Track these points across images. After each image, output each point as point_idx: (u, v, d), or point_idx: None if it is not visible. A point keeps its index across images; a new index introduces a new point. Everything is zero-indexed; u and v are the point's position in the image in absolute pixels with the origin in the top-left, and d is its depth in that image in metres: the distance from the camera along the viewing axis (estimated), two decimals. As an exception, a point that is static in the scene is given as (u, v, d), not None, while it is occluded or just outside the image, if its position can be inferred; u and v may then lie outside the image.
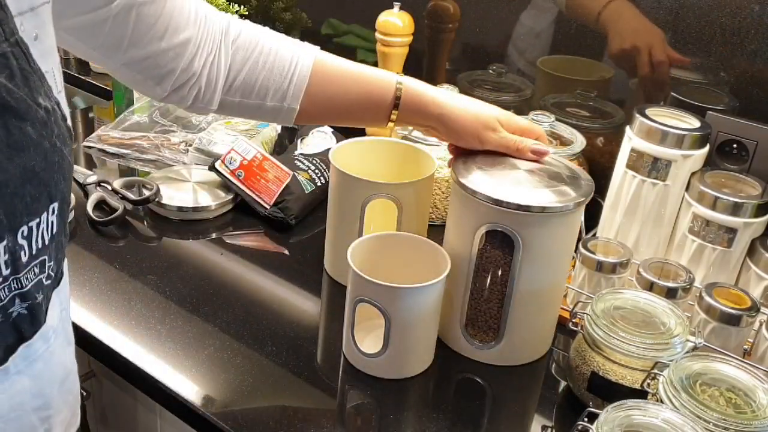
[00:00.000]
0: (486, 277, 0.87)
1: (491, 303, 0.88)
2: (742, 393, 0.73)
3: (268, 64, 0.85)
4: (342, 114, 0.91)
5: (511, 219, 0.83)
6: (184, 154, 1.36)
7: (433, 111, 0.88)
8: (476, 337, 0.91)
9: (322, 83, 0.87)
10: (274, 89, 0.86)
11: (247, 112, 0.89)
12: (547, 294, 0.89)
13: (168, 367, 0.88)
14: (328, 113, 0.91)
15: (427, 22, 1.32)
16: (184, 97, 0.84)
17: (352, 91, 0.88)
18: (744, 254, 0.95)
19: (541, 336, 0.93)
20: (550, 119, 1.09)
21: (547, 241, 0.85)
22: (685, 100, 1.05)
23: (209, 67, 0.83)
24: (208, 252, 1.13)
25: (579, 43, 1.18)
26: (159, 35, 0.79)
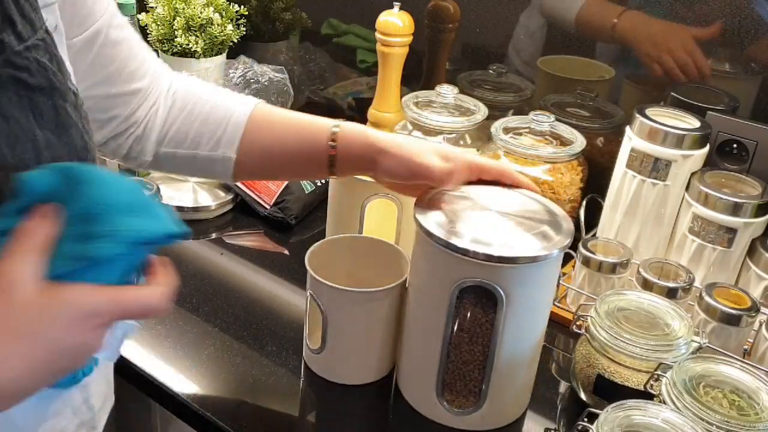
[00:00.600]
0: (465, 338, 0.77)
1: (471, 365, 0.79)
2: (745, 395, 0.73)
3: (203, 113, 0.82)
4: (282, 165, 0.85)
5: (493, 273, 0.73)
6: (184, 154, 1.35)
7: (374, 146, 0.79)
8: (454, 403, 0.81)
9: (259, 132, 0.82)
10: (208, 137, 0.82)
11: (183, 165, 0.84)
12: (531, 348, 0.81)
13: (168, 367, 0.88)
14: (268, 165, 0.85)
15: (427, 22, 1.32)
16: (120, 145, 0.83)
17: (289, 140, 0.82)
18: (744, 254, 0.95)
19: (524, 391, 0.85)
20: (550, 119, 1.09)
21: (533, 293, 0.76)
22: (685, 100, 1.05)
23: (148, 118, 0.82)
24: (208, 252, 1.13)
25: (579, 43, 1.18)
26: (112, 80, 0.78)
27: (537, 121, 1.08)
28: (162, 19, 1.37)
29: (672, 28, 1.09)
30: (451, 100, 1.16)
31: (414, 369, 0.84)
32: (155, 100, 0.82)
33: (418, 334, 0.82)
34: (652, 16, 1.10)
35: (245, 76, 1.54)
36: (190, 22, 1.37)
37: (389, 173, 0.79)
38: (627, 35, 1.13)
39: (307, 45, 1.54)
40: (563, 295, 1.02)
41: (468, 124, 1.12)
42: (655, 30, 1.11)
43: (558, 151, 1.05)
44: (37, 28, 0.57)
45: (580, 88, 1.20)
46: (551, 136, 1.09)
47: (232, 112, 0.82)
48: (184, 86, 0.84)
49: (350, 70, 1.49)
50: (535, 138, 1.08)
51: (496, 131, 1.07)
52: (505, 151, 1.06)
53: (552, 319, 0.98)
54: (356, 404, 0.85)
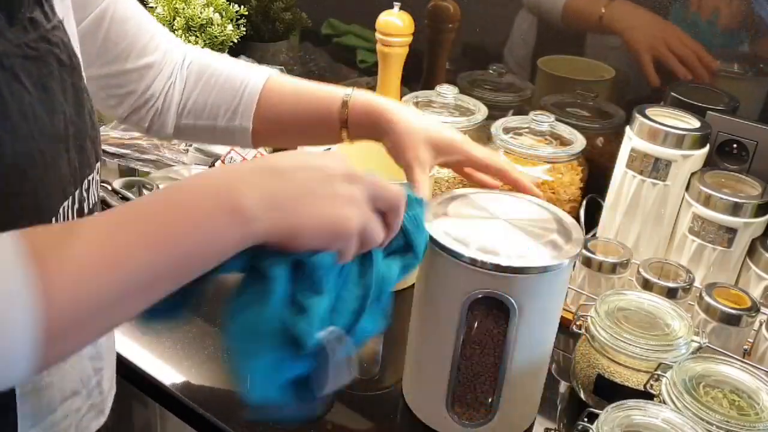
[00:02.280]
0: (476, 350, 0.76)
1: (482, 377, 0.77)
2: (745, 395, 0.73)
3: (218, 84, 0.85)
4: (297, 134, 0.88)
5: (505, 283, 0.72)
6: (184, 154, 1.35)
7: (380, 123, 0.81)
8: (465, 416, 0.79)
9: (273, 101, 0.85)
10: (225, 108, 0.85)
11: (203, 135, 0.88)
12: (543, 358, 0.80)
13: (168, 367, 0.88)
14: (284, 133, 0.88)
15: (427, 22, 1.32)
16: (142, 118, 0.86)
17: (300, 108, 0.85)
18: (744, 254, 0.95)
19: (535, 400, 0.84)
20: (550, 119, 1.09)
21: (544, 303, 0.75)
22: (685, 100, 1.05)
23: (166, 91, 0.85)
24: (208, 252, 1.12)
25: (579, 43, 1.18)
26: (124, 56, 0.81)
27: (537, 121, 1.08)
28: (162, 19, 1.37)
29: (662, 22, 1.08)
30: (451, 100, 1.16)
31: (423, 381, 0.82)
32: (171, 72, 0.85)
33: (427, 346, 0.80)
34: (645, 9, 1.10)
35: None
36: (190, 22, 1.37)
37: (390, 153, 0.83)
38: (615, 25, 1.13)
39: (307, 45, 1.54)
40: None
41: (468, 124, 1.12)
42: (647, 21, 1.10)
43: (558, 151, 1.05)
44: (55, 12, 0.60)
45: (580, 88, 1.20)
46: (551, 136, 1.09)
47: (246, 83, 0.84)
48: (198, 58, 0.87)
49: (350, 70, 1.49)
50: (535, 138, 1.09)
51: (496, 131, 1.07)
52: (505, 151, 1.06)
53: (552, 319, 0.99)
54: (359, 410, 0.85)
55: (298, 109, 0.85)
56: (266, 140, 0.88)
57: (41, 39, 0.57)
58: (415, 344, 0.82)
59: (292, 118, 0.85)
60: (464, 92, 1.21)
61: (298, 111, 0.85)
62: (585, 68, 1.19)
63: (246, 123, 0.84)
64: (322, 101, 0.84)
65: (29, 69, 0.55)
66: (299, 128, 0.86)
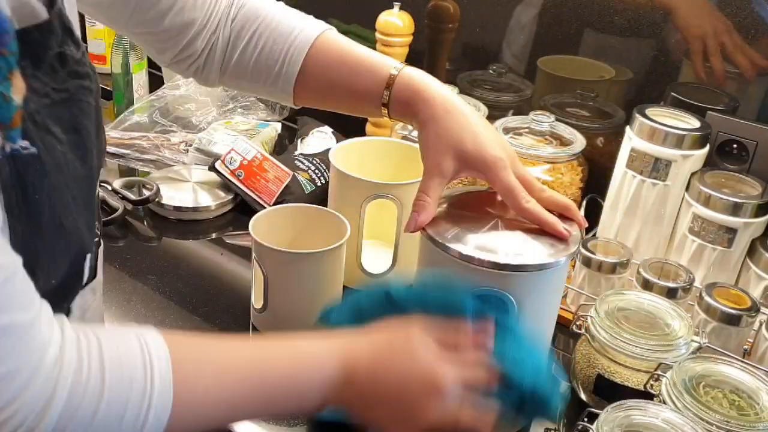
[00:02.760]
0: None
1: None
2: (745, 395, 0.73)
3: (260, 48, 0.82)
4: (335, 101, 0.86)
5: (502, 281, 0.72)
6: (184, 154, 1.35)
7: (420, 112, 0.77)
8: None
9: (316, 69, 0.82)
10: (266, 74, 0.83)
11: (248, 91, 0.91)
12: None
13: (168, 368, 0.88)
14: (324, 100, 0.86)
15: (427, 22, 1.31)
16: (184, 70, 0.86)
17: (343, 79, 0.82)
18: (744, 254, 0.95)
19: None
20: (550, 119, 1.09)
21: (541, 299, 0.77)
22: (685, 100, 1.05)
23: (208, 50, 0.84)
24: (208, 252, 1.13)
25: (579, 43, 1.18)
26: (161, 14, 0.79)
27: (537, 121, 1.08)
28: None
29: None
30: (451, 100, 1.16)
31: None
32: (215, 29, 0.83)
33: None
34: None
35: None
36: (190, 22, 1.37)
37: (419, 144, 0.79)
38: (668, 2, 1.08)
39: (307, 45, 1.53)
40: (563, 295, 1.01)
41: (468, 124, 1.12)
42: (703, 6, 1.07)
43: (558, 151, 1.05)
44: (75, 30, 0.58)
45: (580, 88, 1.20)
46: (551, 136, 1.09)
47: (290, 51, 0.81)
48: (246, 13, 0.83)
49: (350, 70, 1.49)
50: (535, 138, 1.08)
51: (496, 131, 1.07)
52: (505, 151, 1.05)
53: (552, 319, 0.98)
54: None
55: (340, 80, 0.82)
56: (306, 103, 0.87)
57: (70, 75, 0.55)
58: None
59: (332, 88, 0.83)
60: (464, 92, 1.21)
61: (340, 82, 0.82)
62: (585, 68, 1.19)
63: (287, 88, 0.83)
64: (365, 76, 0.80)
65: (59, 114, 0.54)
66: (339, 99, 0.85)
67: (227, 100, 1.51)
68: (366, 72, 0.80)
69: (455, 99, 0.78)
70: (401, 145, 1.08)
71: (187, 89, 1.51)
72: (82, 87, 0.57)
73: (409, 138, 1.15)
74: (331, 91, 0.84)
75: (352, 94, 0.82)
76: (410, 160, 1.04)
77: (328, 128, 1.34)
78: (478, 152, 0.75)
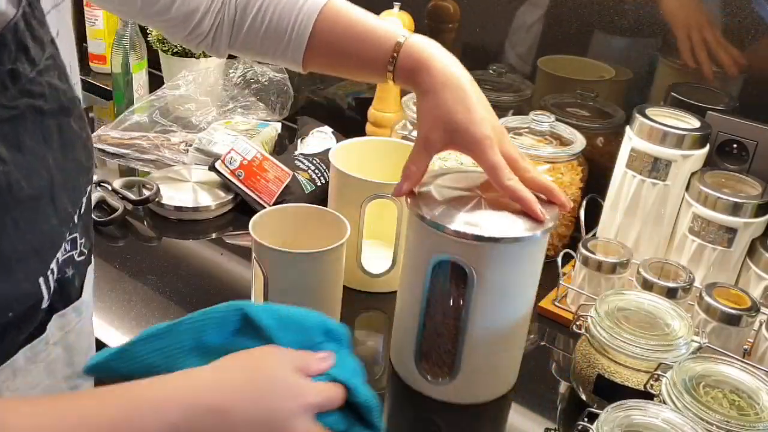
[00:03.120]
0: (439, 310, 0.82)
1: (444, 338, 0.83)
2: (745, 395, 0.73)
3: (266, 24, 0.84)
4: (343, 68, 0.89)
5: (465, 250, 0.76)
6: (184, 154, 1.35)
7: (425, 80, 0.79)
8: (429, 372, 0.85)
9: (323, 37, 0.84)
10: (274, 47, 0.85)
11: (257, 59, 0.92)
12: (507, 331, 0.82)
13: (168, 368, 0.88)
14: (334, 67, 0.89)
15: (427, 22, 1.32)
16: (195, 47, 0.89)
17: (351, 47, 0.84)
18: (744, 254, 0.95)
19: (502, 373, 0.87)
20: (550, 119, 1.09)
21: (507, 275, 0.79)
22: (685, 100, 1.05)
23: (214, 31, 0.86)
24: (208, 252, 1.13)
25: (579, 43, 1.18)
26: (168, 5, 0.82)
27: (537, 121, 1.08)
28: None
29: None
30: (451, 100, 1.16)
31: (399, 339, 0.89)
32: (219, 8, 0.85)
33: (403, 305, 0.87)
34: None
35: (245, 76, 1.54)
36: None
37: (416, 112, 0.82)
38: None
39: (307, 45, 1.54)
40: (563, 295, 1.02)
41: (468, 124, 1.12)
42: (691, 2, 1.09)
43: (558, 151, 1.05)
44: (46, 44, 0.56)
45: (580, 88, 1.20)
46: (551, 136, 1.09)
47: (297, 21, 0.83)
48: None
49: (350, 70, 1.49)
50: (535, 138, 1.09)
51: (496, 131, 1.07)
52: (505, 151, 1.06)
53: (552, 319, 0.99)
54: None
55: (348, 48, 0.84)
56: (315, 69, 0.88)
57: (21, 93, 0.53)
58: (398, 300, 0.89)
59: (341, 56, 0.85)
60: (464, 92, 1.20)
61: (348, 50, 0.84)
62: (585, 68, 1.19)
63: (297, 58, 0.85)
64: (373, 44, 0.82)
65: (4, 132, 0.52)
66: (347, 66, 0.87)
67: (227, 100, 1.51)
68: (374, 40, 0.82)
69: (455, 71, 0.80)
70: (401, 145, 1.08)
71: (187, 89, 1.51)
72: (33, 107, 0.54)
73: (409, 138, 1.15)
74: (339, 58, 0.86)
75: (360, 62, 0.84)
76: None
77: (328, 128, 1.34)
78: (466, 130, 0.77)
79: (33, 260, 0.55)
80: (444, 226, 0.75)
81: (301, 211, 0.96)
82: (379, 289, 1.03)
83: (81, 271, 0.65)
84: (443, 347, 0.83)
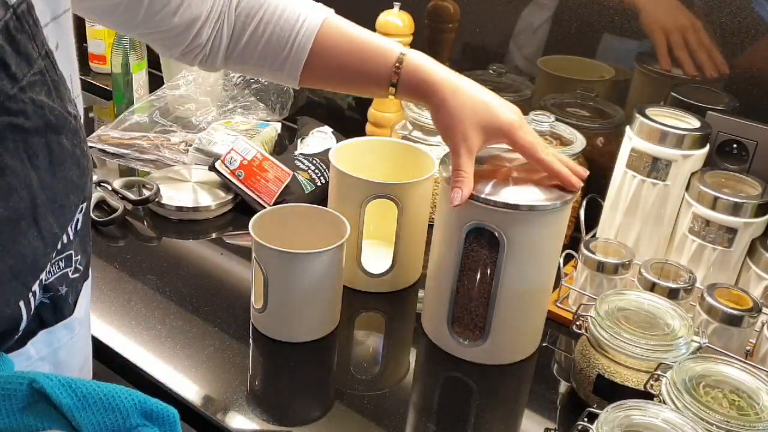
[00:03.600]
0: (472, 275, 0.88)
1: (477, 301, 0.89)
2: (745, 395, 0.73)
3: (267, 34, 0.85)
4: (345, 86, 0.92)
5: (496, 218, 0.83)
6: (184, 154, 1.35)
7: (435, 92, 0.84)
8: (462, 335, 0.91)
9: (323, 52, 0.85)
10: (272, 59, 0.86)
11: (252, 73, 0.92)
12: (533, 293, 0.89)
13: (168, 367, 0.88)
14: (331, 83, 0.91)
15: (427, 22, 1.31)
16: (191, 60, 0.89)
17: (351, 62, 0.86)
18: (744, 254, 0.95)
19: (528, 335, 0.93)
20: (550, 119, 1.09)
21: (534, 240, 0.85)
22: (685, 100, 1.05)
23: (213, 38, 0.86)
24: (208, 252, 1.13)
25: (579, 43, 1.18)
26: (171, 12, 0.82)
27: (537, 121, 1.08)
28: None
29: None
30: (451, 100, 1.16)
31: (431, 303, 0.94)
32: (218, 17, 0.85)
33: (435, 271, 0.92)
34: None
35: (245, 76, 1.54)
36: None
37: (437, 128, 0.86)
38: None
39: (307, 45, 1.54)
40: (565, 296, 1.02)
41: (468, 124, 1.12)
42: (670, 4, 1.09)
43: (558, 151, 1.05)
44: (34, 59, 0.53)
45: (580, 88, 1.20)
46: (551, 136, 1.09)
47: (296, 36, 0.85)
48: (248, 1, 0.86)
49: (350, 70, 1.49)
50: (535, 138, 1.08)
51: (496, 131, 1.07)
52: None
53: (552, 319, 0.99)
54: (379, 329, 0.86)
55: (348, 64, 0.86)
56: (310, 85, 0.90)
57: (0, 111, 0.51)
58: (430, 269, 0.94)
59: (341, 72, 0.87)
60: (464, 92, 1.20)
61: (348, 66, 0.86)
62: (585, 68, 1.19)
63: (294, 74, 0.87)
64: (372, 60, 0.85)
65: None
66: (347, 82, 0.89)
67: (227, 100, 1.51)
68: (374, 57, 0.85)
69: (459, 79, 0.85)
70: (401, 145, 1.08)
71: (187, 89, 1.51)
72: (12, 125, 0.52)
73: (409, 138, 1.15)
74: (339, 74, 0.88)
75: (361, 78, 0.87)
76: (410, 160, 1.04)
77: (328, 128, 1.34)
78: (494, 120, 0.84)
79: (12, 283, 0.53)
80: (478, 196, 0.82)
81: (301, 211, 0.96)
82: (379, 289, 1.03)
83: (75, 288, 0.63)
84: (475, 311, 0.89)
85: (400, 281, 1.04)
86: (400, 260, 1.00)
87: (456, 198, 0.81)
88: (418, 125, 1.14)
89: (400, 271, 1.02)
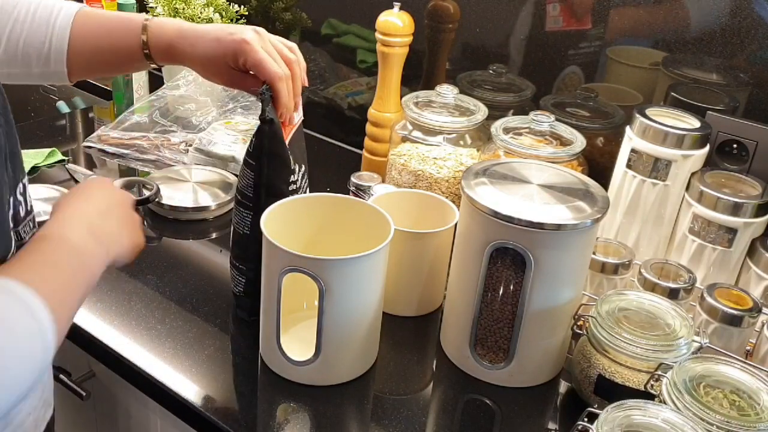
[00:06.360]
0: (496, 295, 0.85)
1: (501, 323, 0.85)
2: (746, 395, 0.73)
3: (25, 31, 0.86)
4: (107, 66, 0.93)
5: (522, 237, 0.80)
6: (184, 154, 1.35)
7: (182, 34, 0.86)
8: (486, 357, 0.88)
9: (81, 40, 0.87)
10: (36, 56, 0.87)
11: (18, 79, 0.90)
12: (560, 313, 0.85)
13: (168, 367, 0.88)
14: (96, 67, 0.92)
15: (427, 22, 1.32)
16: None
17: (106, 42, 0.88)
18: (744, 254, 0.95)
19: (554, 356, 0.89)
20: (550, 119, 1.09)
21: (561, 260, 0.82)
22: (685, 100, 1.05)
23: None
24: (208, 252, 1.13)
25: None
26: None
27: (537, 121, 1.08)
28: (162, 19, 1.37)
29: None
30: (451, 100, 1.16)
31: (452, 324, 0.90)
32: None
33: (457, 292, 0.89)
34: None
35: (245, 76, 1.54)
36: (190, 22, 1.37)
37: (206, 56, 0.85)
38: None
39: (307, 45, 1.54)
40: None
41: (468, 124, 1.12)
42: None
43: (558, 151, 1.05)
44: None
45: (580, 88, 1.20)
46: (551, 136, 1.09)
47: (52, 29, 0.86)
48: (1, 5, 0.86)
49: (350, 70, 1.49)
50: (535, 138, 1.08)
51: (496, 131, 1.07)
52: (505, 151, 1.06)
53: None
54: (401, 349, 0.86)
55: (102, 44, 0.88)
56: (81, 75, 0.91)
57: None
58: (450, 290, 0.91)
59: (99, 54, 0.89)
60: (464, 92, 1.21)
61: (102, 46, 0.88)
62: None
63: (60, 68, 0.87)
64: (122, 36, 0.87)
65: None
66: (107, 63, 0.90)
67: (227, 100, 1.51)
68: (123, 33, 0.87)
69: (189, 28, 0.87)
70: (335, 200, 0.92)
71: (187, 89, 1.51)
72: None
73: (409, 138, 1.15)
74: (98, 58, 0.89)
75: (117, 56, 0.89)
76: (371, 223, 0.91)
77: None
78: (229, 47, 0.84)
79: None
80: (503, 214, 0.79)
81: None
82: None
83: None
84: (500, 332, 0.86)
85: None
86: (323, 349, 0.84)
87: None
88: (418, 125, 1.14)
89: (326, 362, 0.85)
